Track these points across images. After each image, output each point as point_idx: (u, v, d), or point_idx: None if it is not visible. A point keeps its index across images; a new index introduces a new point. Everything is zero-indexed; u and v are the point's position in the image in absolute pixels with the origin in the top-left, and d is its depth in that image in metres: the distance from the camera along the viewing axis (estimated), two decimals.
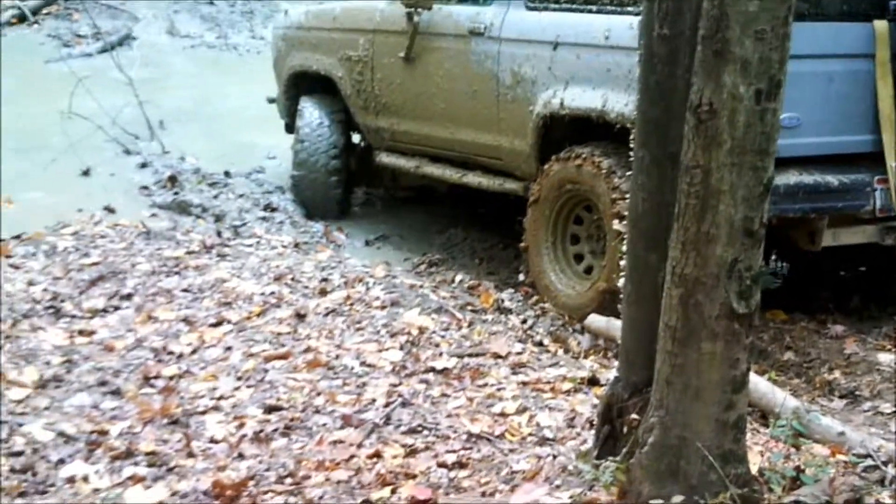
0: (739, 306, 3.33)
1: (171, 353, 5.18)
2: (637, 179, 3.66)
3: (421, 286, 6.30)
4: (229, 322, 5.57)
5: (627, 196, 5.41)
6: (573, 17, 6.31)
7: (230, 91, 11.09)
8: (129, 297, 5.85)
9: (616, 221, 5.83)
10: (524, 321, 6.10)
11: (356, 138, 8.29)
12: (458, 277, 6.88)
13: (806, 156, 5.70)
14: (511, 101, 6.62)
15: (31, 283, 5.90)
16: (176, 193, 8.00)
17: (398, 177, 8.29)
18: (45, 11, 13.59)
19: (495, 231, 7.75)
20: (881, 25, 5.73)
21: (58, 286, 5.90)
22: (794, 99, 5.12)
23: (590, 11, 6.23)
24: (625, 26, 5.88)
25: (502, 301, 6.29)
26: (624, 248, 5.32)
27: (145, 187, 8.20)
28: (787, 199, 5.53)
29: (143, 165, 8.62)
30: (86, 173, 8.42)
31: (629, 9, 5.95)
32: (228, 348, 5.25)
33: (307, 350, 5.21)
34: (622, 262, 5.29)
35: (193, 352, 5.21)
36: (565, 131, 6.37)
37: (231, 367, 5.02)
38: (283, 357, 5.12)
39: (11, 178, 8.12)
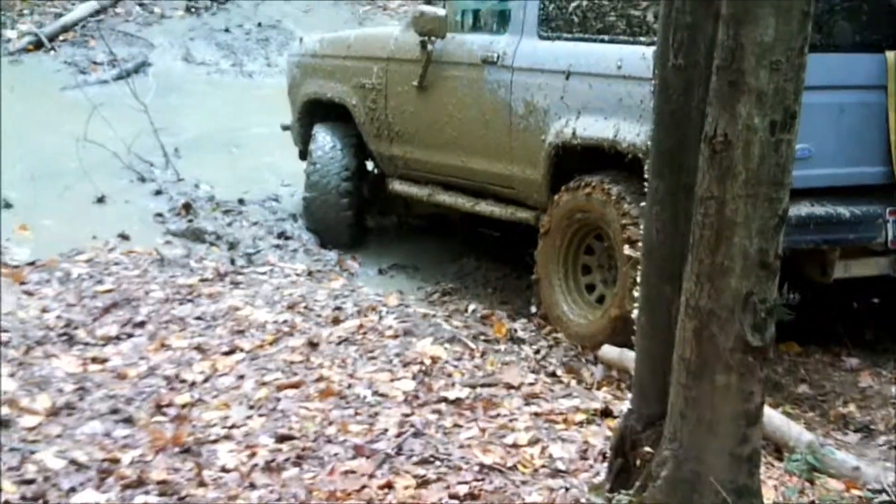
0: (754, 339, 3.32)
1: (183, 381, 5.17)
2: (651, 210, 3.65)
3: (434, 315, 6.28)
4: (242, 350, 5.56)
5: (638, 221, 5.62)
6: (585, 46, 6.33)
7: (245, 118, 11.10)
8: (142, 324, 5.85)
9: (627, 247, 5.83)
10: (537, 351, 6.07)
11: (370, 166, 8.29)
12: (472, 307, 6.85)
13: (818, 187, 5.68)
14: (523, 131, 6.64)
15: (44, 310, 5.91)
16: (190, 221, 8.02)
17: (411, 205, 8.28)
18: (61, 38, 13.66)
19: (508, 260, 7.73)
20: (893, 56, 5.73)
21: (71, 313, 5.90)
22: (806, 130, 4.87)
23: (602, 41, 6.25)
24: (637, 56, 5.94)
25: (515, 331, 6.27)
26: (635, 275, 5.46)
27: (160, 214, 8.22)
28: (798, 231, 5.48)
29: (158, 192, 8.64)
30: (101, 200, 8.44)
31: (641, 39, 6.01)
32: (241, 377, 5.23)
33: (319, 379, 5.19)
34: (634, 289, 5.41)
35: (206, 380, 5.20)
36: (577, 161, 6.37)
37: (243, 395, 5.01)
38: (296, 386, 5.11)
39: (27, 205, 8.15)
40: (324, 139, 8.15)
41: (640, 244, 5.52)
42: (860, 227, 5.70)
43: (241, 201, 8.55)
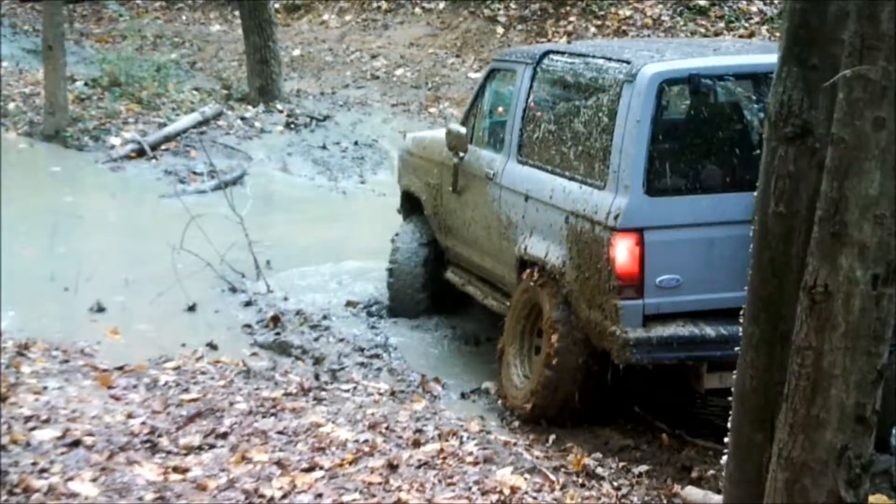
0: (847, 495, 3.25)
1: (262, 496, 5.15)
2: (745, 356, 3.61)
3: (515, 444, 6.23)
4: (322, 468, 5.54)
5: (557, 322, 6.72)
6: (538, 174, 7.17)
7: (337, 234, 11.28)
8: (224, 435, 5.86)
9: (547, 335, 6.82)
10: (618, 488, 5.97)
11: None
12: (552, 436, 6.79)
13: (689, 311, 6.37)
14: (506, 239, 7.47)
15: (130, 416, 5.96)
16: (277, 334, 8.09)
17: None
18: (163, 147, 14.05)
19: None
20: None
21: (156, 420, 5.95)
22: (676, 263, 6.26)
23: (547, 171, 7.07)
24: (560, 188, 6.83)
25: (592, 468, 6.18)
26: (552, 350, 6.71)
27: (248, 326, 8.31)
28: (661, 349, 6.27)
29: (248, 304, 8.77)
30: (191, 308, 8.57)
31: (565, 173, 6.85)
32: (319, 495, 5.21)
33: (397, 502, 5.15)
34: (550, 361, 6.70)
35: (284, 496, 5.18)
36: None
37: None
38: None
39: (119, 309, 8.30)
40: (405, 230, 9.02)
41: (557, 330, 6.72)
42: (727, 345, 6.03)
43: (327, 317, 8.62)
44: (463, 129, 8.04)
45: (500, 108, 8.11)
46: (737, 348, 6.11)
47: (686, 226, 6.31)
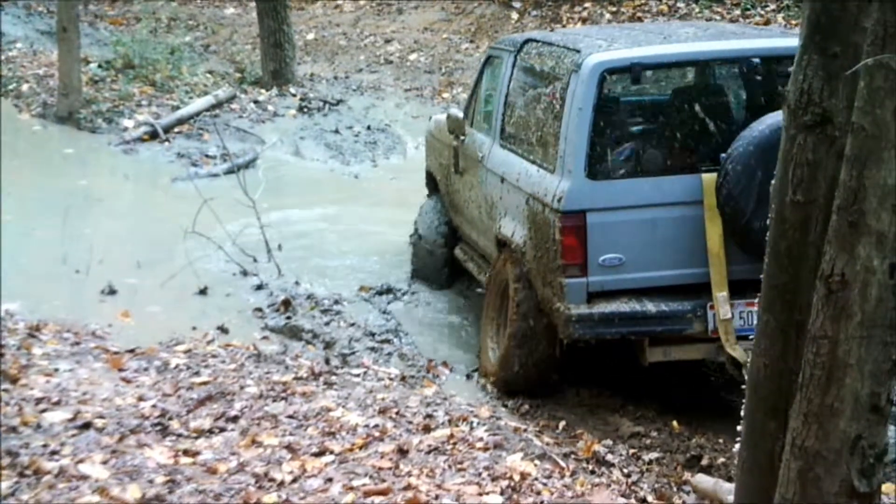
0: (861, 484, 3.23)
1: (272, 480, 5.15)
2: (759, 344, 3.58)
3: (525, 430, 6.21)
4: (332, 452, 5.54)
5: (518, 290, 6.97)
6: (511, 157, 7.48)
7: (349, 218, 11.25)
8: (235, 419, 5.86)
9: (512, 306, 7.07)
10: (628, 475, 5.96)
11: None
12: (562, 423, 6.77)
13: (632, 288, 6.60)
14: (490, 218, 7.77)
15: (141, 399, 5.96)
16: (288, 318, 8.08)
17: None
18: (176, 130, 14.04)
19: (606, 381, 7.64)
20: (708, 177, 6.51)
21: (167, 403, 5.95)
22: (618, 243, 6.52)
23: (517, 154, 7.37)
24: (525, 171, 7.11)
25: (602, 455, 6.17)
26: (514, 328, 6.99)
27: (259, 309, 8.30)
28: (603, 324, 6.51)
29: (259, 287, 8.75)
30: (202, 292, 8.56)
31: (529, 157, 7.15)
32: (329, 479, 5.20)
33: (407, 487, 5.14)
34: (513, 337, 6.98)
35: (294, 480, 5.18)
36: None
37: (330, 499, 4.97)
38: (383, 493, 5.06)
39: (131, 292, 8.29)
40: (427, 205, 9.51)
41: (519, 305, 6.95)
42: (667, 321, 6.53)
43: (338, 301, 8.61)
44: (461, 114, 8.46)
45: (491, 94, 8.32)
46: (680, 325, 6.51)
47: (627, 207, 6.58)
